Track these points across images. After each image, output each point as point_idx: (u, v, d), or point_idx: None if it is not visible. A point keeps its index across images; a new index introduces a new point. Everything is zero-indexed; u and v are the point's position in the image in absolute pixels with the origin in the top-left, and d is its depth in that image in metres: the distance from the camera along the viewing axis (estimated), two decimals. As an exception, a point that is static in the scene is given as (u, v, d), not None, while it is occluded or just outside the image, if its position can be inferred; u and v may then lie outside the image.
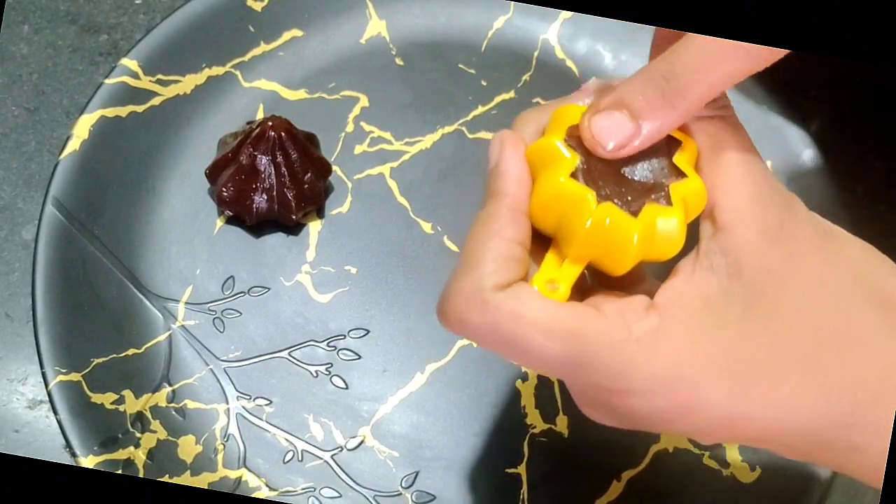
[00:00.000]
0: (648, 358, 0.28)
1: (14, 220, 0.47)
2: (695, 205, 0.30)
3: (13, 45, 0.50)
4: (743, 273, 0.28)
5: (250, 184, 0.45)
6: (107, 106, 0.46)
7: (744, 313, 0.28)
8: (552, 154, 0.30)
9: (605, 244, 0.29)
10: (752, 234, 0.29)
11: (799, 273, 0.29)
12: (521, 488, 0.42)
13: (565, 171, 0.29)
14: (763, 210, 0.29)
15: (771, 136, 0.49)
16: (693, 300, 0.28)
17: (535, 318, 0.28)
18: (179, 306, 0.44)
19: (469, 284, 0.29)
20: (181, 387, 0.43)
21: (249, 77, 0.49)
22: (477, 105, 0.50)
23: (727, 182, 0.29)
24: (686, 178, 0.29)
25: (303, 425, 0.43)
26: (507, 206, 0.30)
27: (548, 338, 0.28)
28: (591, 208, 0.29)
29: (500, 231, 0.29)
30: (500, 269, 0.29)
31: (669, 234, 0.29)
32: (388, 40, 0.51)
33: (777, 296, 0.28)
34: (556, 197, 0.29)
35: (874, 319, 0.29)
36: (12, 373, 0.44)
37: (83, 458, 0.40)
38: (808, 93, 0.52)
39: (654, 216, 0.29)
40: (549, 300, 0.29)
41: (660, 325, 0.28)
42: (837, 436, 0.29)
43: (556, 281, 0.29)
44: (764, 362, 0.28)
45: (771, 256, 0.28)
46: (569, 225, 0.29)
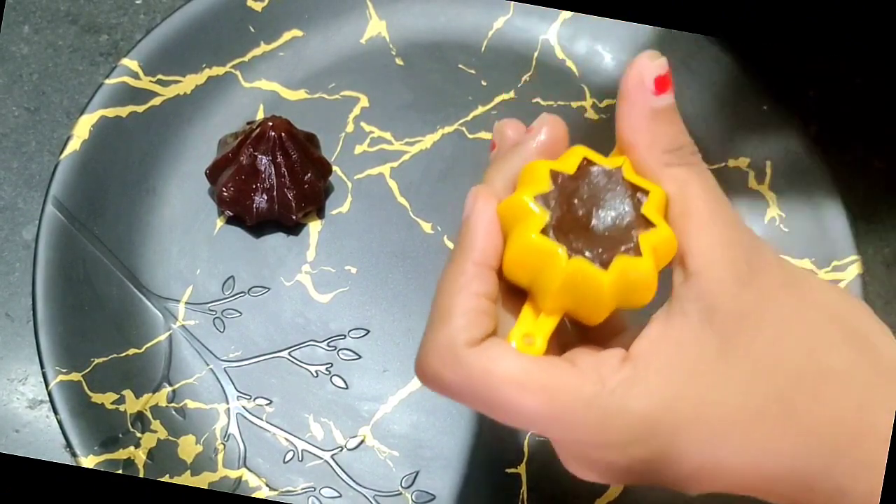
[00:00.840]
0: (623, 409, 0.28)
1: (14, 220, 0.47)
2: (665, 253, 0.30)
3: (13, 45, 0.50)
4: (715, 318, 0.28)
5: (250, 184, 0.45)
6: (107, 106, 0.46)
7: (717, 359, 0.28)
8: (523, 211, 0.30)
9: (578, 297, 0.30)
10: (722, 277, 0.29)
11: (770, 315, 0.29)
12: (521, 488, 0.42)
13: (536, 227, 0.30)
14: (732, 254, 0.29)
15: (771, 135, 0.49)
16: (667, 348, 0.29)
17: (509, 375, 0.28)
18: (180, 306, 0.44)
19: (441, 342, 0.29)
20: (181, 387, 0.43)
21: (250, 77, 0.49)
22: (477, 105, 0.50)
23: (695, 228, 0.29)
24: (655, 228, 0.30)
25: (303, 425, 0.43)
26: (473, 260, 0.30)
27: (522, 394, 0.28)
28: (562, 263, 0.29)
29: (467, 285, 0.30)
30: (470, 325, 0.29)
31: (641, 283, 0.30)
32: (389, 40, 0.51)
33: (749, 339, 0.29)
34: (528, 253, 0.30)
35: (847, 359, 0.29)
36: (13, 373, 0.44)
37: (83, 457, 0.40)
38: (808, 93, 0.52)
39: (624, 267, 0.29)
40: (522, 355, 0.29)
41: (634, 376, 0.28)
42: (820, 479, 0.29)
43: (532, 335, 0.30)
44: (739, 407, 0.28)
45: (742, 300, 0.29)
46: (542, 280, 0.30)
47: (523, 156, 0.32)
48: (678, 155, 0.31)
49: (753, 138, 0.49)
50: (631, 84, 0.30)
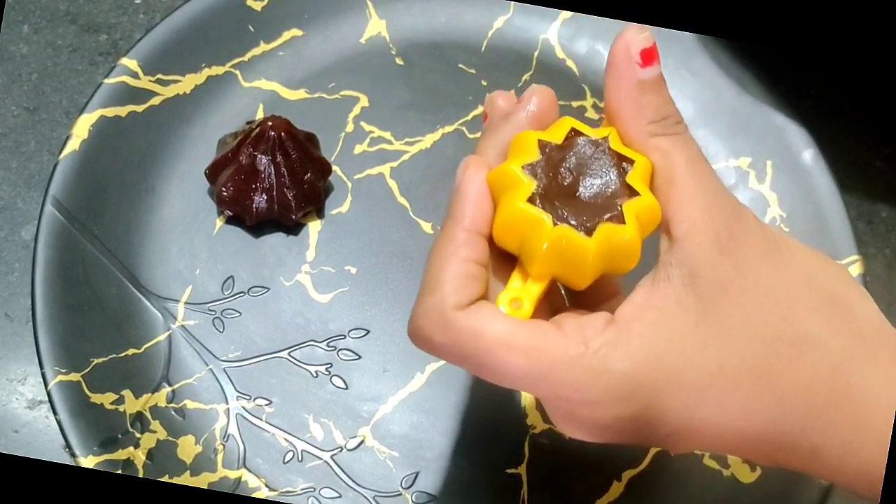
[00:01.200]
0: (606, 369, 0.29)
1: (14, 220, 0.47)
2: (648, 220, 0.31)
3: (13, 44, 0.50)
4: (697, 283, 0.29)
5: (250, 184, 0.45)
6: (106, 106, 0.46)
7: (697, 323, 0.29)
8: (512, 180, 0.31)
9: (564, 263, 0.31)
10: (704, 243, 0.30)
11: (748, 281, 0.30)
12: (522, 489, 0.42)
13: (523, 195, 0.31)
14: (713, 221, 0.30)
15: (771, 135, 0.49)
16: (650, 312, 0.29)
17: (495, 336, 0.29)
18: (179, 306, 0.44)
19: (431, 305, 0.30)
20: (181, 387, 0.43)
21: (249, 77, 0.49)
22: (477, 105, 0.50)
23: (679, 196, 0.30)
24: (639, 196, 0.31)
25: (303, 425, 0.43)
26: (464, 227, 0.31)
27: (509, 353, 0.29)
28: (548, 231, 0.30)
29: (457, 251, 0.31)
30: (459, 289, 0.30)
31: (625, 250, 0.31)
32: (388, 40, 0.51)
33: (729, 304, 0.30)
34: (515, 220, 0.31)
35: (822, 323, 0.30)
36: (12, 373, 0.44)
37: (83, 458, 0.40)
38: (808, 92, 0.52)
39: (608, 234, 0.30)
40: (509, 318, 0.30)
41: (617, 338, 0.29)
42: (796, 439, 0.30)
43: (519, 299, 0.31)
44: (717, 371, 0.29)
45: (722, 266, 0.30)
46: (529, 246, 0.31)
47: (514, 125, 0.33)
48: (663, 125, 0.31)
49: (754, 138, 0.49)
50: (618, 56, 0.31)
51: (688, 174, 0.31)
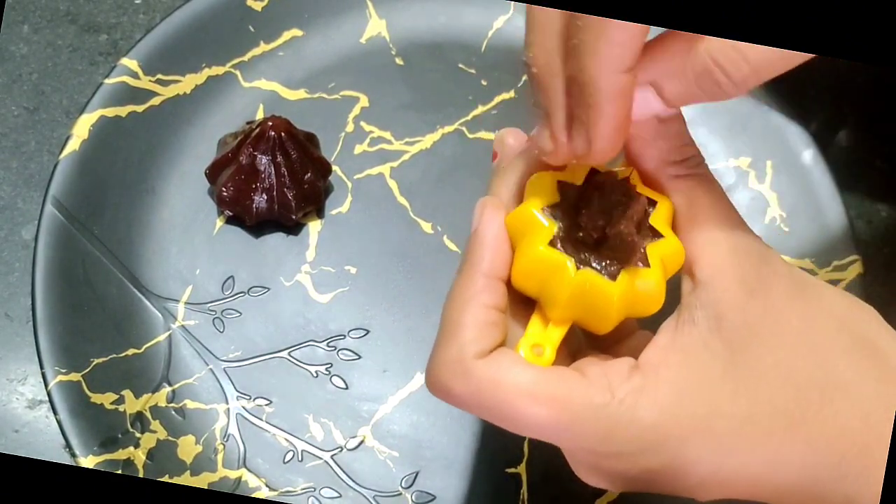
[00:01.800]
0: (632, 419, 0.28)
1: (14, 220, 0.47)
2: (672, 263, 0.30)
3: (13, 44, 0.50)
4: (723, 327, 0.29)
5: (250, 184, 0.45)
6: (107, 106, 0.46)
7: (725, 369, 0.28)
8: (531, 222, 0.31)
9: (587, 308, 0.30)
10: (730, 287, 0.29)
11: (778, 326, 0.29)
12: (521, 488, 0.42)
13: (544, 239, 0.30)
14: (740, 263, 0.29)
15: (771, 135, 0.49)
16: (676, 357, 0.29)
17: (517, 385, 0.28)
18: (179, 306, 0.44)
19: (451, 355, 0.29)
20: (181, 387, 0.43)
21: (249, 77, 0.49)
22: (477, 105, 0.50)
23: (704, 238, 0.30)
24: (662, 239, 0.30)
25: (303, 425, 0.43)
26: (483, 272, 0.30)
27: (531, 404, 0.28)
28: (570, 275, 0.30)
29: (476, 297, 0.30)
30: (480, 337, 0.29)
31: (649, 293, 0.30)
32: (388, 40, 0.51)
33: (758, 349, 0.29)
34: (536, 264, 0.30)
35: (855, 368, 0.29)
36: (12, 373, 0.44)
37: (83, 458, 0.40)
38: (808, 92, 0.52)
39: (632, 278, 0.30)
40: (531, 366, 0.29)
41: (643, 386, 0.28)
42: (829, 489, 0.29)
43: (541, 345, 0.30)
44: (747, 418, 0.28)
45: (749, 310, 0.29)
46: (550, 291, 0.30)
47: (527, 165, 0.32)
48: (685, 166, 0.31)
49: (754, 138, 0.49)
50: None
51: (712, 216, 0.30)
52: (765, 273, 0.30)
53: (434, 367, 0.30)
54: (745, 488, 0.29)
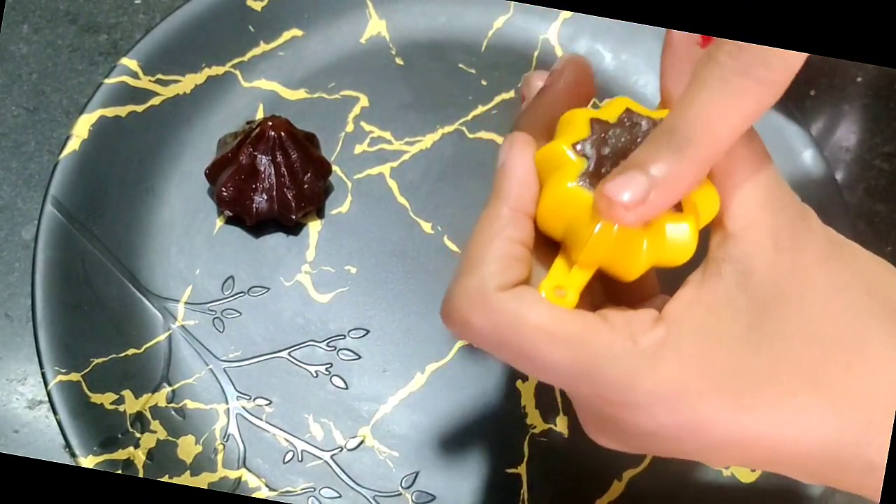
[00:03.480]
0: (652, 370, 0.27)
1: (14, 220, 0.47)
2: (706, 211, 0.29)
3: (13, 44, 0.50)
4: (751, 282, 0.28)
5: (250, 184, 0.45)
6: (106, 106, 0.46)
7: (750, 325, 0.28)
8: (560, 159, 0.29)
9: (614, 251, 0.29)
10: (761, 241, 0.28)
11: (807, 284, 0.28)
12: (521, 488, 0.42)
13: (572, 175, 0.29)
14: (774, 218, 0.28)
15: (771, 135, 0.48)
16: (700, 311, 0.28)
17: (539, 322, 0.27)
18: (179, 306, 0.44)
19: (472, 285, 0.28)
20: (181, 387, 0.43)
21: (249, 77, 0.49)
22: (477, 105, 0.50)
23: (738, 189, 0.29)
24: None
25: (302, 425, 0.43)
26: (510, 206, 0.29)
27: (551, 342, 0.27)
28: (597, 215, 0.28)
29: (502, 231, 0.29)
30: (503, 270, 0.28)
31: (680, 240, 0.29)
32: (388, 40, 0.51)
33: (785, 307, 0.28)
34: (563, 203, 0.29)
35: (885, 332, 0.28)
36: (12, 373, 0.44)
37: (83, 458, 0.40)
38: (808, 92, 0.52)
39: (663, 222, 0.28)
40: (553, 305, 0.28)
41: (666, 338, 0.27)
42: (852, 454, 0.28)
43: (563, 287, 0.29)
44: (770, 376, 0.27)
45: (779, 266, 0.28)
46: (577, 231, 0.29)
47: (553, 97, 0.32)
48: None
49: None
50: (675, 35, 0.29)
51: (749, 165, 0.29)
52: (799, 229, 0.29)
53: (453, 298, 0.29)
54: (763, 452, 0.28)
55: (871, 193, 0.50)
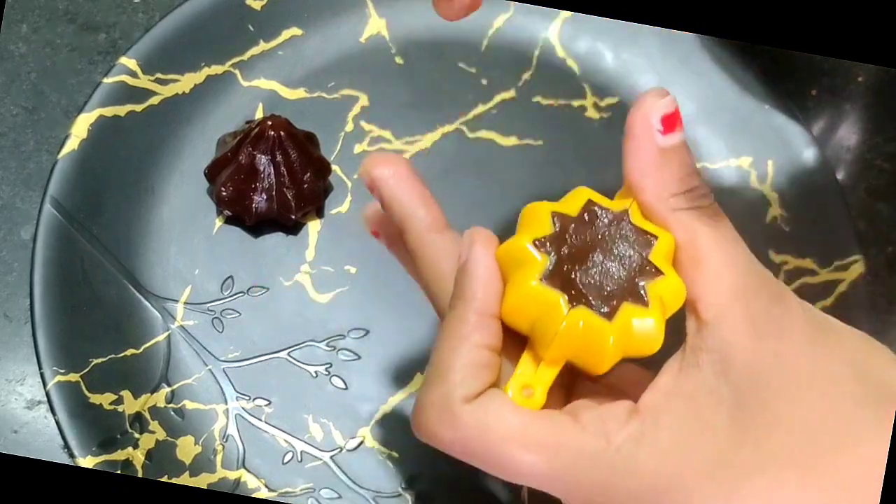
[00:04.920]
0: (631, 469, 0.27)
1: (12, 220, 0.46)
2: (672, 302, 0.29)
3: (11, 44, 0.50)
4: (730, 372, 0.27)
5: (249, 183, 0.45)
6: (105, 105, 0.46)
7: (732, 416, 0.27)
8: (522, 256, 0.29)
9: (581, 348, 0.28)
10: (738, 328, 0.27)
11: (790, 370, 0.27)
12: (522, 489, 0.42)
13: (535, 274, 0.28)
14: (748, 303, 0.28)
15: (772, 135, 0.49)
16: (678, 402, 0.27)
17: (506, 431, 0.27)
18: (178, 306, 0.44)
19: (437, 397, 0.28)
20: (180, 387, 0.43)
21: (248, 76, 0.49)
22: (477, 104, 0.50)
23: (708, 276, 0.28)
24: (663, 276, 0.28)
25: (302, 426, 0.43)
26: (475, 310, 0.29)
27: (521, 452, 0.27)
28: (563, 313, 0.28)
29: (468, 337, 0.28)
30: (469, 379, 0.28)
31: (647, 334, 0.28)
32: (388, 39, 0.50)
33: (766, 396, 0.27)
34: (527, 301, 0.29)
35: (872, 417, 0.28)
36: (10, 373, 0.44)
37: (81, 458, 0.40)
38: (809, 92, 0.52)
39: (629, 317, 0.28)
40: (520, 410, 0.28)
41: (642, 432, 0.27)
42: None
43: (531, 386, 0.29)
44: (755, 468, 0.27)
45: (759, 354, 0.27)
46: (542, 329, 0.28)
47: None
48: (687, 198, 0.29)
49: (755, 138, 0.49)
50: (636, 124, 0.29)
51: (716, 251, 0.28)
52: (776, 314, 0.28)
53: (420, 411, 0.29)
54: None
55: (872, 193, 0.50)
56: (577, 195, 0.30)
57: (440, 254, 0.32)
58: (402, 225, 0.32)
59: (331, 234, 0.46)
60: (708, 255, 0.28)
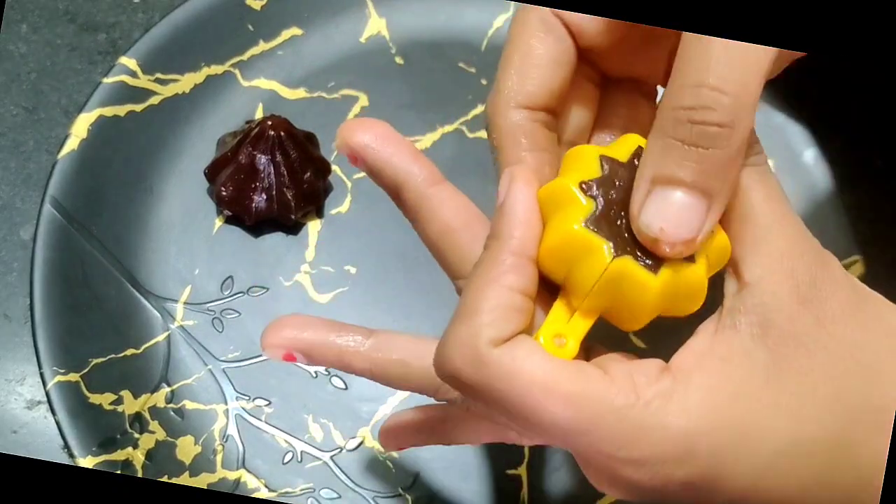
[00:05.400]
0: (659, 425, 0.25)
1: (12, 220, 0.46)
2: (717, 259, 0.27)
3: (11, 44, 0.50)
4: (769, 335, 0.26)
5: (249, 183, 0.45)
6: (105, 105, 0.46)
7: (768, 381, 0.26)
8: (566, 197, 0.27)
9: (620, 300, 0.27)
10: (780, 292, 0.26)
11: (831, 339, 0.26)
12: (522, 489, 0.42)
13: (579, 217, 0.27)
14: (794, 267, 0.26)
15: (772, 134, 0.49)
16: (712, 363, 0.26)
17: (533, 378, 0.26)
18: (178, 306, 0.44)
19: (464, 336, 0.26)
20: (180, 387, 0.43)
21: (248, 76, 0.49)
22: (477, 104, 0.50)
23: (754, 234, 0.27)
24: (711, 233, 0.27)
25: (302, 426, 0.43)
26: (511, 250, 0.27)
27: (546, 400, 0.25)
28: (606, 261, 0.26)
29: (501, 278, 0.27)
30: (498, 321, 0.26)
31: (690, 291, 0.27)
32: (388, 39, 0.50)
33: (806, 362, 0.26)
34: (567, 246, 0.27)
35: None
36: (10, 373, 0.44)
37: (81, 458, 0.40)
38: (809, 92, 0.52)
39: (674, 273, 0.27)
40: (550, 358, 0.26)
41: (673, 390, 0.26)
42: None
43: (563, 335, 0.27)
44: (790, 435, 0.26)
45: (800, 318, 0.26)
46: (581, 277, 0.27)
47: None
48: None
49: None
50: None
51: (767, 211, 0.27)
52: (821, 279, 0.27)
53: (444, 348, 0.27)
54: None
55: (871, 192, 0.50)
56: (626, 141, 0.28)
57: (443, 206, 0.31)
58: (398, 187, 0.32)
59: (331, 234, 0.46)
60: (758, 214, 0.27)
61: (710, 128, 0.25)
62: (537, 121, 0.30)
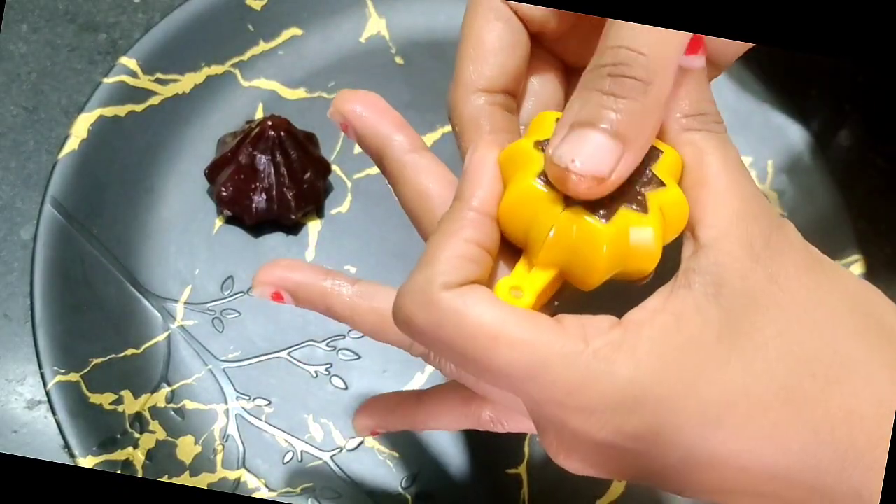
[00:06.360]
0: (606, 371, 0.25)
1: (12, 220, 0.46)
2: (674, 217, 0.28)
3: (12, 44, 0.50)
4: (722, 294, 0.26)
5: (249, 183, 0.45)
6: (105, 105, 0.46)
7: (720, 336, 0.26)
8: (524, 158, 0.28)
9: (574, 252, 0.27)
10: (734, 251, 0.26)
11: (783, 296, 0.27)
12: (522, 489, 0.42)
13: (535, 173, 0.28)
14: (748, 228, 0.27)
15: (772, 134, 0.49)
16: (664, 318, 0.26)
17: (483, 322, 0.26)
18: (178, 306, 0.44)
19: (417, 283, 0.27)
20: (180, 387, 0.43)
21: (249, 76, 0.49)
22: (477, 104, 0.49)
23: (711, 197, 0.27)
24: (665, 188, 0.27)
25: (302, 426, 0.43)
26: (470, 207, 0.28)
27: (495, 344, 0.26)
28: (557, 213, 0.27)
29: (458, 232, 0.28)
30: (452, 269, 0.27)
31: (644, 245, 0.27)
32: (388, 39, 0.50)
33: (759, 319, 0.26)
34: (524, 201, 0.28)
35: (867, 350, 0.27)
36: (11, 373, 0.44)
37: (82, 458, 0.40)
38: (809, 92, 0.52)
39: (626, 224, 0.27)
40: (501, 305, 0.26)
41: (623, 340, 0.26)
42: (834, 480, 0.26)
43: (520, 287, 0.28)
44: (740, 389, 0.26)
45: (753, 276, 0.26)
46: (536, 230, 0.28)
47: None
48: (700, 120, 0.28)
49: (755, 137, 0.49)
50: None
51: (722, 174, 0.27)
52: (775, 240, 0.27)
53: (399, 297, 0.28)
54: (736, 473, 0.26)
55: (872, 193, 0.50)
56: None
57: (420, 171, 0.32)
58: (380, 152, 0.32)
59: (331, 234, 0.46)
60: (714, 177, 0.27)
61: (627, 80, 0.26)
62: (496, 103, 0.31)
